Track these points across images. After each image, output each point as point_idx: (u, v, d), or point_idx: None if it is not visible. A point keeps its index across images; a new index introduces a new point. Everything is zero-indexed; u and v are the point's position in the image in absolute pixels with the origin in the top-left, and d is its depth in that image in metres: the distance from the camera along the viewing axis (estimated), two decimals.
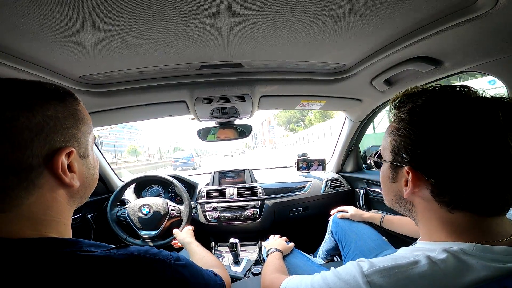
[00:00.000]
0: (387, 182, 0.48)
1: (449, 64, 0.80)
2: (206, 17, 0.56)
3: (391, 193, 0.48)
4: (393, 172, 0.45)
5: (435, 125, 0.37)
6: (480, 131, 0.34)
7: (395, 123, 0.44)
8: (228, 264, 1.34)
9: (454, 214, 0.39)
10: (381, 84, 1.02)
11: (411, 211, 0.46)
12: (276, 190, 1.64)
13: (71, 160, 0.37)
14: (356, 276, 0.38)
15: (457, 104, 0.37)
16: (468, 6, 0.55)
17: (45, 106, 0.35)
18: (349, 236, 1.07)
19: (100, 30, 0.58)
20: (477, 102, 0.37)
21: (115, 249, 0.36)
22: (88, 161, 0.42)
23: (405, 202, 0.45)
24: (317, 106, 1.34)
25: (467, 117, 0.35)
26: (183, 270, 0.41)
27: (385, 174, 0.48)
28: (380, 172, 0.51)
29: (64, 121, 0.37)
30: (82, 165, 0.41)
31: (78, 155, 0.39)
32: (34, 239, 0.33)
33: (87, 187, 0.43)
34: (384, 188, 0.50)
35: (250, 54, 0.79)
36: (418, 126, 0.39)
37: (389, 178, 0.47)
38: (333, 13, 0.58)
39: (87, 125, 0.42)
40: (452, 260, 0.35)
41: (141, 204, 1.37)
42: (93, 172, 0.44)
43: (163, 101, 1.14)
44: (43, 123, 0.34)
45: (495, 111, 0.35)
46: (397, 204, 0.48)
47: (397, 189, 0.46)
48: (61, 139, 0.36)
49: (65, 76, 0.82)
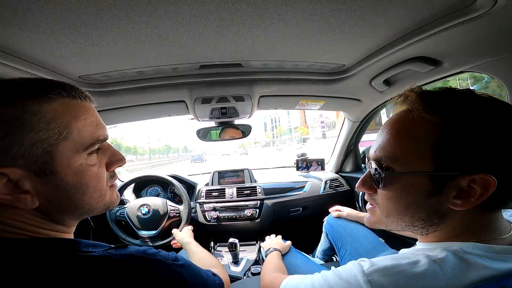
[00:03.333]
0: (416, 199, 0.37)
1: (448, 64, 0.80)
2: (205, 17, 0.56)
3: (420, 211, 0.38)
4: (437, 184, 0.35)
5: (496, 124, 0.33)
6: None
7: (439, 118, 0.35)
8: (227, 264, 1.34)
9: (487, 215, 0.37)
10: (380, 84, 1.03)
11: (434, 225, 0.38)
12: (276, 190, 1.63)
13: (16, 179, 0.31)
14: (356, 275, 0.38)
15: (493, 103, 0.35)
16: (467, 7, 0.55)
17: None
18: (344, 238, 1.06)
19: (99, 30, 0.58)
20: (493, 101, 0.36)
21: (113, 249, 0.35)
22: (56, 178, 0.33)
23: (437, 216, 0.37)
24: (317, 106, 1.34)
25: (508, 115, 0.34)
26: (181, 270, 0.40)
27: (414, 190, 0.37)
28: (394, 189, 0.39)
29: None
30: (43, 183, 0.32)
31: (30, 173, 0.31)
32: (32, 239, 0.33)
33: (66, 206, 0.35)
34: (402, 208, 0.39)
35: (250, 54, 0.79)
36: (479, 126, 0.33)
37: (425, 193, 0.36)
38: (332, 13, 0.58)
39: (49, 132, 0.32)
40: (452, 259, 0.35)
41: (140, 204, 1.36)
42: (71, 191, 0.34)
43: (162, 101, 1.14)
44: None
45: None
46: (424, 221, 0.38)
47: (436, 203, 0.36)
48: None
49: (64, 76, 0.81)
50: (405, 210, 0.39)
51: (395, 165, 0.38)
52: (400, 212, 0.40)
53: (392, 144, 0.39)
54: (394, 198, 0.40)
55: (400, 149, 0.38)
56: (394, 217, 0.41)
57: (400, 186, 0.38)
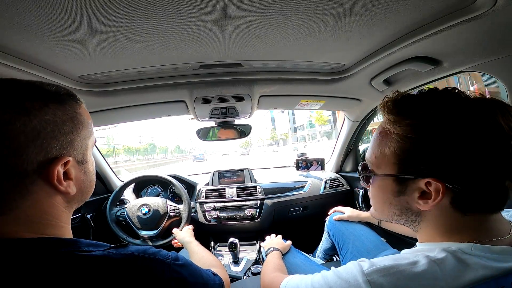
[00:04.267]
0: (388, 197, 0.43)
1: (448, 64, 0.80)
2: (205, 16, 0.56)
3: (394, 207, 0.43)
4: (401, 185, 0.41)
5: (450, 129, 0.35)
6: (488, 133, 0.34)
7: (397, 128, 0.39)
8: (227, 263, 1.34)
9: (466, 217, 0.38)
10: (380, 84, 1.03)
11: (414, 221, 0.43)
12: (276, 189, 1.64)
13: (68, 168, 0.36)
14: (356, 275, 0.38)
15: (458, 105, 0.37)
16: (467, 6, 0.55)
17: (43, 110, 0.34)
18: (346, 237, 1.07)
19: (100, 30, 0.58)
20: (476, 102, 0.37)
21: (114, 248, 0.35)
22: (87, 167, 0.41)
23: (411, 213, 0.42)
24: (317, 106, 1.34)
25: (474, 118, 0.35)
26: (181, 269, 0.40)
27: (385, 189, 0.43)
28: (375, 186, 0.45)
29: (63, 126, 0.36)
30: (80, 171, 0.39)
31: (75, 162, 0.38)
32: (32, 239, 0.33)
33: (85, 192, 0.42)
34: (380, 203, 0.45)
35: (250, 54, 0.79)
36: (432, 132, 0.36)
37: (393, 192, 0.42)
38: (332, 13, 0.58)
39: (87, 129, 0.40)
40: (451, 259, 0.35)
41: (141, 204, 1.36)
42: (91, 177, 0.43)
43: (162, 100, 1.14)
44: (40, 128, 0.33)
45: (494, 110, 0.35)
46: (399, 217, 0.44)
47: (405, 202, 0.41)
48: (58, 145, 0.35)
49: (64, 75, 0.81)
50: (382, 205, 0.46)
51: (373, 167, 0.45)
52: (379, 207, 0.47)
53: (370, 149, 0.45)
54: (374, 195, 0.47)
55: (374, 155, 0.44)
56: (378, 211, 0.47)
57: (376, 185, 0.45)
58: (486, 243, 0.37)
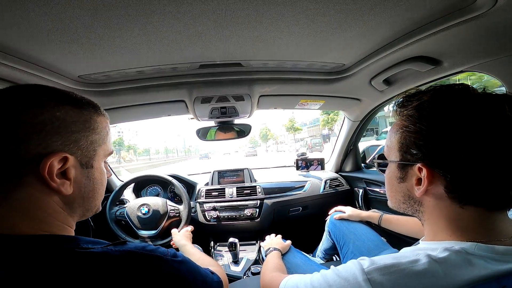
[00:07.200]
0: (394, 183, 0.46)
1: (448, 64, 0.80)
2: (205, 16, 0.56)
3: (398, 193, 0.46)
4: (402, 171, 0.44)
5: (447, 119, 0.37)
6: (490, 123, 0.35)
7: (402, 120, 0.42)
8: (227, 263, 1.34)
9: (464, 210, 0.38)
10: (380, 83, 1.03)
11: (419, 211, 0.45)
12: (275, 189, 1.64)
13: (68, 167, 0.36)
14: (356, 274, 0.38)
15: (464, 99, 0.37)
16: (467, 6, 0.55)
17: (57, 107, 0.35)
18: (347, 236, 1.07)
19: (99, 30, 0.58)
20: (483, 96, 0.37)
21: (112, 245, 0.36)
22: (92, 172, 0.41)
23: (414, 202, 0.44)
24: (316, 106, 1.34)
25: (477, 110, 0.36)
26: (179, 266, 0.41)
27: (392, 175, 0.47)
28: (386, 173, 0.49)
29: (71, 124, 0.37)
30: (82, 174, 0.39)
31: (78, 163, 0.38)
32: (33, 236, 0.33)
33: (86, 198, 0.41)
34: (390, 190, 0.49)
35: (249, 53, 0.79)
36: (429, 121, 0.38)
37: (397, 178, 0.45)
38: (332, 13, 0.58)
39: (99, 136, 0.41)
40: (453, 258, 0.35)
41: (140, 204, 1.36)
42: (96, 185, 0.42)
43: (162, 100, 1.14)
44: (47, 122, 0.34)
45: (502, 104, 0.35)
46: (404, 204, 0.46)
47: (406, 188, 0.44)
48: (60, 141, 0.35)
49: (63, 75, 0.81)
50: (390, 192, 0.49)
51: (386, 156, 0.49)
52: (389, 194, 0.50)
53: (386, 140, 0.49)
54: (386, 182, 0.50)
55: (387, 144, 0.48)
56: (389, 199, 0.50)
57: (386, 173, 0.49)
58: (490, 242, 0.36)
